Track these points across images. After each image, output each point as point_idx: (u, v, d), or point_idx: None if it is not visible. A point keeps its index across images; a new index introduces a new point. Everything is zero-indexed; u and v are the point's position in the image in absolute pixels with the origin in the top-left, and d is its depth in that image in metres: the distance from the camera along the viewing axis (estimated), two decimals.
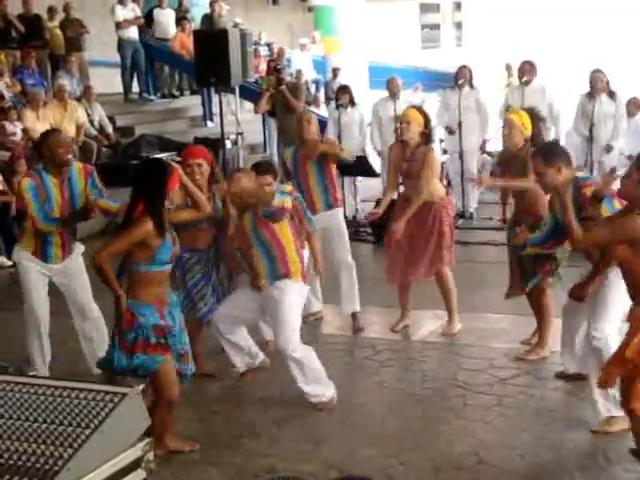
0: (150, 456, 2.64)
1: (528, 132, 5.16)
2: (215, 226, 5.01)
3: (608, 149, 8.65)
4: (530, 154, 4.92)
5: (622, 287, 4.01)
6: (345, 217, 9.41)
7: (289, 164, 6.10)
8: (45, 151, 4.92)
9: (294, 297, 4.72)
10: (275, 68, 10.78)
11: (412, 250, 5.72)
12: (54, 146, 4.87)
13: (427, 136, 5.65)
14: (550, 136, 8.71)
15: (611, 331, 4.28)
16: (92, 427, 2.46)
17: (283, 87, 10.10)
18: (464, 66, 9.31)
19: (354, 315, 6.03)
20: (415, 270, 5.77)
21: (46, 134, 5.10)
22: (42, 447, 2.45)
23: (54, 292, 5.19)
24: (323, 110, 13.11)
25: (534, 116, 5.23)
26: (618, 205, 3.98)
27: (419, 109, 5.79)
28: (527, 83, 8.91)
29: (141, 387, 2.63)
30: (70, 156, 4.98)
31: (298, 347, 4.64)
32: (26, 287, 5.05)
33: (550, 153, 4.28)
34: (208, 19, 13.39)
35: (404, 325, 6.02)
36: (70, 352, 5.39)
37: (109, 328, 4.65)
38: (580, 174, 4.41)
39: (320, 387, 4.71)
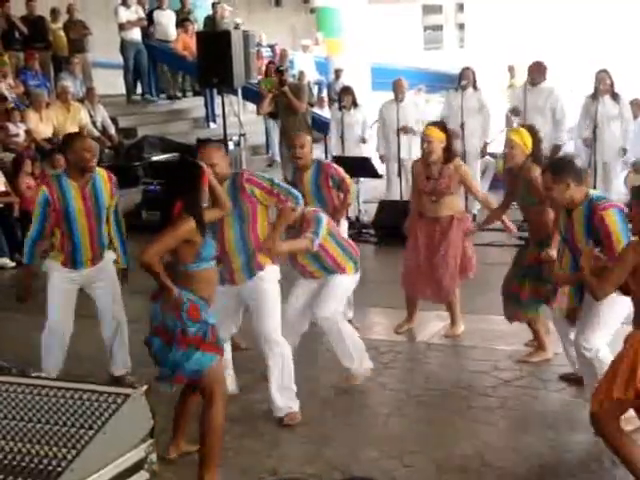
0: (153, 457, 2.63)
1: (529, 150, 5.19)
2: None
3: (622, 152, 8.63)
4: (529, 168, 5.06)
5: (617, 305, 4.05)
6: (348, 218, 9.50)
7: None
8: (70, 155, 4.83)
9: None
10: (277, 69, 10.74)
11: (427, 263, 5.77)
12: (80, 150, 4.77)
13: (450, 152, 5.65)
14: (558, 139, 8.68)
15: (600, 345, 4.29)
16: (95, 428, 2.46)
17: (286, 88, 10.07)
18: (467, 67, 9.29)
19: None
20: (423, 289, 5.85)
21: (72, 138, 5.01)
22: (45, 448, 2.44)
23: None
24: (327, 111, 13.12)
25: (533, 133, 5.26)
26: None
27: (440, 125, 5.81)
28: (535, 84, 8.85)
29: (144, 388, 2.62)
30: (95, 162, 4.91)
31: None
32: (52, 302, 4.94)
33: (559, 169, 4.27)
34: (211, 20, 13.40)
35: (408, 328, 6.01)
36: (75, 354, 5.38)
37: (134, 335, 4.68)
38: (595, 193, 4.35)
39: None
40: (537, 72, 8.81)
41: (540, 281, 5.07)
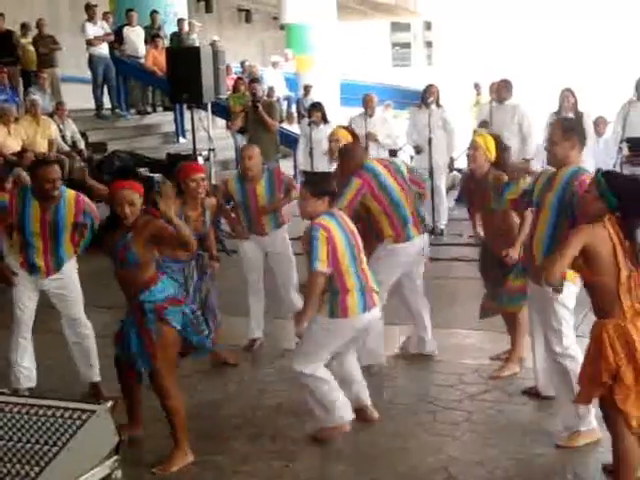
0: (118, 474, 2.63)
1: (492, 155, 5.22)
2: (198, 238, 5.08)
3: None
4: (496, 177, 5.06)
5: (567, 300, 4.18)
6: None
7: (236, 195, 6.00)
8: (33, 181, 4.93)
9: None
10: (250, 86, 10.80)
11: None
12: (42, 180, 4.83)
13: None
14: (526, 153, 8.81)
15: (570, 342, 4.37)
16: (59, 445, 2.45)
17: (260, 110, 10.10)
18: (431, 85, 9.42)
19: None
20: None
21: (37, 165, 5.09)
22: (8, 466, 2.43)
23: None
24: (296, 127, 13.20)
25: (499, 143, 5.30)
26: None
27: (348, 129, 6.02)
28: (501, 102, 9.00)
29: (109, 404, 2.62)
30: (57, 192, 4.90)
31: None
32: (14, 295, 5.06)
33: (570, 127, 4.36)
34: (177, 36, 13.43)
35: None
36: (46, 368, 5.36)
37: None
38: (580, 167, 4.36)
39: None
40: (503, 89, 8.96)
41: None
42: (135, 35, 13.46)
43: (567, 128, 4.34)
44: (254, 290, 6.07)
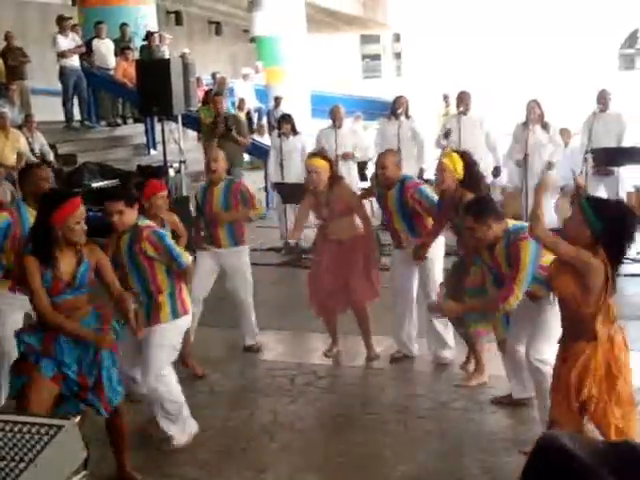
0: None
1: (459, 175, 5.25)
2: None
3: (549, 167, 8.90)
4: (462, 196, 5.10)
5: (556, 312, 4.17)
6: (287, 243, 9.56)
7: (199, 200, 6.10)
8: (26, 186, 4.91)
9: None
10: (214, 99, 10.77)
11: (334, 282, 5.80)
12: (38, 179, 4.83)
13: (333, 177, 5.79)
14: (489, 164, 8.94)
15: (550, 354, 4.43)
16: (26, 461, 2.42)
17: (233, 134, 10.06)
18: (401, 96, 9.51)
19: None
20: (336, 304, 5.89)
21: (27, 169, 5.13)
22: None
23: None
24: (267, 139, 13.23)
25: (467, 159, 5.32)
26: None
27: (321, 155, 5.99)
28: (464, 112, 9.14)
29: (77, 419, 2.60)
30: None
31: None
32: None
33: (480, 211, 4.40)
34: (146, 48, 13.41)
35: (337, 350, 6.05)
36: None
37: None
38: (512, 224, 4.47)
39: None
40: (464, 100, 9.13)
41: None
42: (105, 47, 13.42)
43: (477, 213, 4.38)
44: (193, 298, 6.01)
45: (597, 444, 1.83)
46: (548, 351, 4.37)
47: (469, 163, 5.32)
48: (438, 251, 5.65)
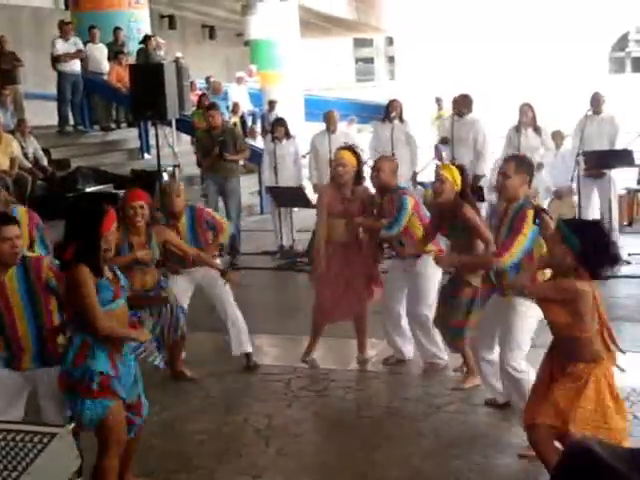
0: None
1: (458, 187, 5.29)
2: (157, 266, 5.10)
3: (539, 168, 8.91)
4: (461, 206, 5.15)
5: (529, 316, 4.31)
6: (282, 247, 9.57)
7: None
8: None
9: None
10: (207, 113, 10.59)
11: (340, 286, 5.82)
12: None
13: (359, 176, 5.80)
14: (479, 169, 8.93)
15: (522, 358, 4.49)
16: (20, 469, 2.40)
17: (228, 156, 9.61)
18: (394, 100, 9.51)
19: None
20: (339, 312, 5.89)
21: None
22: None
23: None
24: (259, 142, 13.23)
25: (462, 171, 5.39)
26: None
27: (351, 150, 5.89)
28: (461, 116, 9.11)
29: (71, 426, 2.60)
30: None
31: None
32: None
33: (524, 163, 4.54)
34: (143, 52, 13.41)
35: (313, 358, 6.00)
36: None
37: None
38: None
39: None
40: (463, 104, 9.07)
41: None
42: (98, 52, 13.42)
43: (520, 163, 4.50)
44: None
45: (620, 449, 1.85)
46: (520, 357, 4.46)
47: (465, 175, 5.40)
48: (433, 270, 5.54)
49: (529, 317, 4.39)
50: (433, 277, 5.64)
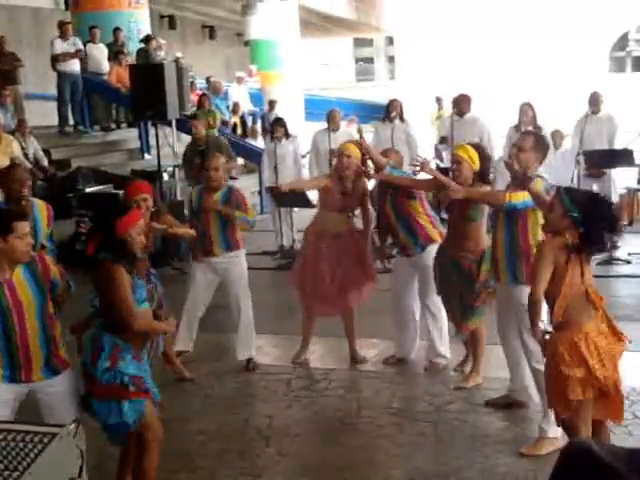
0: None
1: (476, 166, 5.05)
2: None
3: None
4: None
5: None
6: (282, 247, 9.56)
7: (193, 203, 5.96)
8: (4, 189, 4.96)
9: None
10: (191, 122, 10.55)
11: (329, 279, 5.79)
12: (10, 182, 4.87)
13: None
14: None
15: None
16: (20, 470, 2.39)
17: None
18: (395, 99, 9.52)
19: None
20: (324, 306, 5.86)
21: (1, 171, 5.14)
22: None
23: None
24: (260, 142, 13.23)
25: (480, 150, 5.16)
26: None
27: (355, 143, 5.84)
28: (461, 115, 9.10)
29: (72, 426, 2.60)
30: (27, 191, 4.93)
31: None
32: None
33: (543, 141, 4.61)
34: (143, 52, 13.41)
35: (305, 358, 6.00)
36: None
37: None
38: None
39: None
40: (463, 103, 9.08)
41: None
42: (98, 52, 13.42)
43: (539, 141, 4.54)
44: (188, 310, 5.90)
45: (619, 449, 1.85)
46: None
47: (483, 154, 5.16)
48: None
49: None
50: None
